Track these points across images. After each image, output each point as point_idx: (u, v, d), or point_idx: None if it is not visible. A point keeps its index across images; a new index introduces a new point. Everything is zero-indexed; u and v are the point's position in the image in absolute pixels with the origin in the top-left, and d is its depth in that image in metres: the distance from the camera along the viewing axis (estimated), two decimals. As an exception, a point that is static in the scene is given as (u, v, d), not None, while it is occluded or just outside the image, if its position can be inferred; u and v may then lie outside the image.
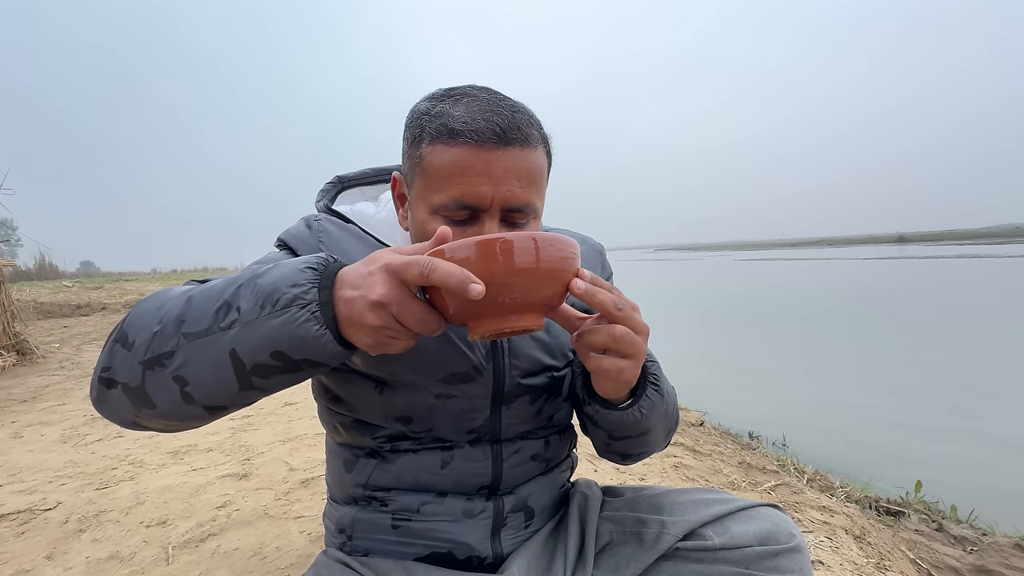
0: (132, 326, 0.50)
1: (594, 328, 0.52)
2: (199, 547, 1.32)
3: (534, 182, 0.57)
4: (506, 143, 0.54)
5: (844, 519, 1.51)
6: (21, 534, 1.42)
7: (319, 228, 0.67)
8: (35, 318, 6.33)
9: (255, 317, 0.45)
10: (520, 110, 0.57)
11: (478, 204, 0.55)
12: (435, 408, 0.65)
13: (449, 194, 0.55)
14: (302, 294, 0.44)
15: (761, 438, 3.11)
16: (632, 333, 0.51)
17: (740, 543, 0.64)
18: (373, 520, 0.68)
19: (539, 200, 0.60)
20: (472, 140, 0.53)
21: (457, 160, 0.54)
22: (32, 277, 12.62)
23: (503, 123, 0.54)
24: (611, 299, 0.50)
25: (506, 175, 0.55)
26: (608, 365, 0.52)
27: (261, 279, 0.47)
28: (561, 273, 0.48)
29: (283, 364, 0.46)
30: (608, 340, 0.51)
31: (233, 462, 1.90)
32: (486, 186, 0.54)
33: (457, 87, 0.60)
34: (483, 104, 0.56)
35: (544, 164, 0.60)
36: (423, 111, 0.58)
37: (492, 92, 0.58)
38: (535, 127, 0.58)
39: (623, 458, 0.73)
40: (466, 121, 0.54)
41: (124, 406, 0.50)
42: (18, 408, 2.79)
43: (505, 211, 0.56)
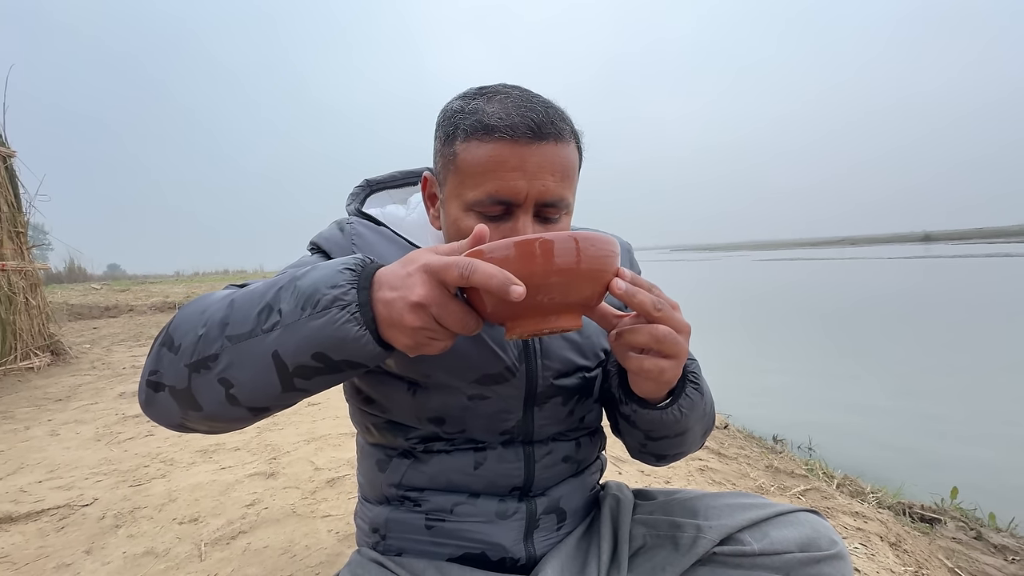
0: (177, 330, 0.50)
1: (635, 328, 0.51)
2: (230, 544, 1.35)
3: (567, 177, 0.58)
4: (541, 138, 0.54)
5: (878, 525, 1.47)
6: (61, 529, 1.46)
7: (351, 231, 0.68)
8: (67, 320, 6.54)
9: (296, 319, 0.45)
10: (552, 106, 0.58)
11: (513, 199, 0.55)
12: (468, 409, 0.65)
13: (484, 189, 0.55)
14: (342, 295, 0.44)
15: (786, 442, 3.05)
16: (674, 333, 0.50)
17: (780, 549, 0.62)
18: (407, 520, 0.68)
19: (571, 195, 0.60)
20: (507, 135, 0.54)
21: (492, 155, 0.54)
22: (62, 280, 13.04)
23: (537, 118, 0.54)
24: (651, 299, 0.49)
25: (540, 170, 0.55)
26: (650, 365, 0.51)
27: (301, 281, 0.47)
28: (601, 273, 0.48)
29: (324, 365, 0.47)
30: (650, 340, 0.50)
31: (260, 461, 1.93)
32: (521, 181, 0.54)
33: (489, 86, 0.60)
34: (517, 101, 0.56)
35: (576, 159, 0.60)
36: (457, 109, 0.58)
37: (524, 90, 0.59)
38: (567, 123, 0.59)
39: (658, 459, 0.72)
40: (501, 117, 0.54)
41: (172, 408, 0.51)
42: (53, 407, 2.88)
43: (539, 206, 0.57)
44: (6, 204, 3.58)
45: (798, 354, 6.34)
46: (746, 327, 8.83)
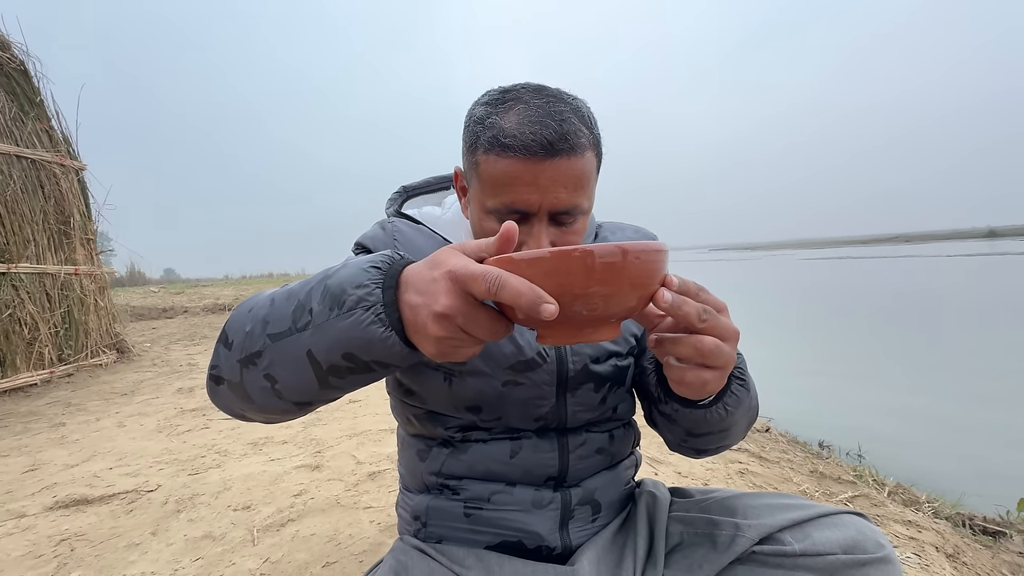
0: (231, 327, 0.54)
1: (677, 338, 0.47)
2: (280, 531, 1.42)
3: (580, 187, 0.59)
4: (553, 154, 0.56)
5: (934, 535, 1.39)
6: (130, 511, 1.59)
7: (393, 228, 0.72)
8: (129, 320, 7.02)
9: (326, 319, 0.46)
10: (567, 118, 0.57)
11: (527, 209, 0.58)
12: (503, 396, 0.67)
13: (500, 200, 0.58)
14: (366, 295, 0.44)
15: (833, 448, 2.92)
16: (720, 343, 0.46)
17: (822, 550, 0.60)
18: (446, 508, 0.70)
19: (586, 200, 0.61)
20: (522, 154, 0.56)
21: (507, 171, 0.57)
22: (124, 284, 13.98)
23: (550, 135, 0.55)
24: (696, 309, 0.45)
25: (553, 184, 0.57)
26: (692, 378, 0.48)
27: (330, 280, 0.48)
28: (647, 284, 0.43)
29: (355, 365, 0.47)
30: (693, 353, 0.46)
31: (306, 454, 2.03)
32: (534, 195, 0.57)
33: (510, 90, 0.61)
34: (532, 113, 0.57)
35: (592, 167, 0.61)
36: (478, 119, 0.60)
37: (543, 95, 0.59)
38: (584, 130, 0.58)
39: (698, 452, 0.71)
40: (515, 135, 0.56)
41: (231, 400, 0.55)
42: (120, 400, 3.10)
43: (552, 214, 0.59)
44: (78, 213, 3.89)
45: (848, 356, 6.04)
46: (791, 328, 8.48)
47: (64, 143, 3.85)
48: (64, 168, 3.80)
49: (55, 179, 3.70)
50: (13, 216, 3.38)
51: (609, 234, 0.81)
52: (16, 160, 3.44)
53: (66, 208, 3.77)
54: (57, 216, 3.72)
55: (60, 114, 3.82)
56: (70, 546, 1.39)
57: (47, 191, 3.65)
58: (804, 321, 9.14)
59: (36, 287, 3.49)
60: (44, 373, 3.44)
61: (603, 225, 0.83)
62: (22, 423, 2.70)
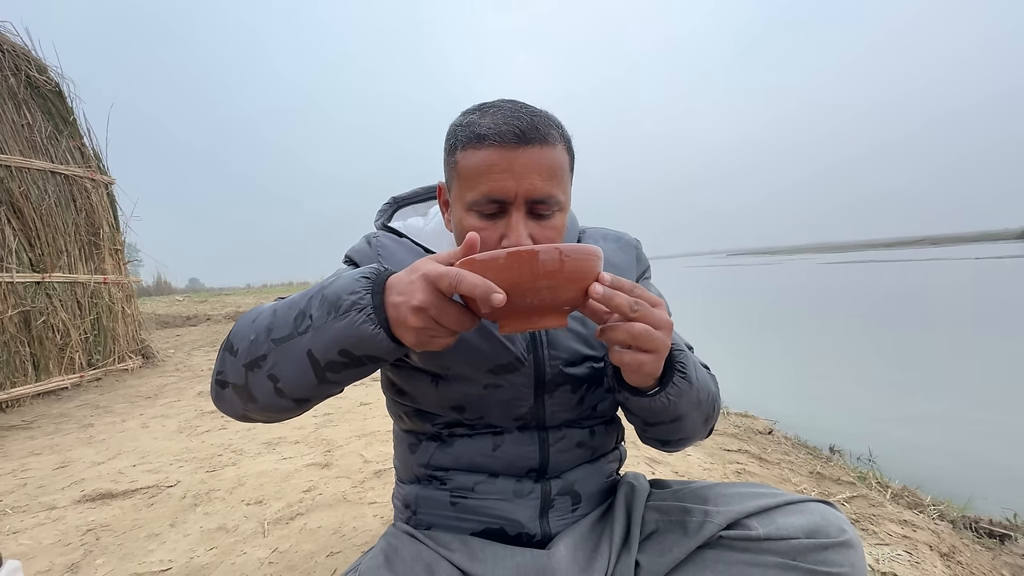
0: (235, 336, 0.61)
1: (615, 325, 0.55)
2: (289, 524, 1.50)
3: (555, 176, 0.63)
4: (526, 142, 0.60)
5: (929, 535, 1.39)
6: (151, 505, 1.68)
7: (377, 243, 0.77)
8: (155, 327, 7.28)
9: (324, 322, 0.54)
10: (539, 115, 0.63)
11: (504, 197, 0.61)
12: (484, 397, 0.71)
13: (479, 191, 0.62)
14: (359, 300, 0.52)
15: (843, 452, 2.89)
16: (651, 329, 0.54)
17: (786, 535, 0.63)
18: (434, 497, 0.75)
19: (562, 193, 0.64)
20: (496, 142, 0.60)
21: (484, 160, 0.61)
22: (151, 292, 14.45)
23: (522, 125, 0.61)
24: (627, 300, 0.53)
25: (527, 170, 0.61)
26: (629, 359, 0.55)
27: (327, 289, 0.55)
28: (583, 279, 0.52)
29: (349, 360, 0.55)
30: (628, 337, 0.54)
31: (316, 453, 2.11)
32: (510, 181, 0.61)
33: (488, 102, 0.67)
34: (506, 112, 0.62)
35: (565, 160, 0.65)
36: (457, 123, 0.66)
37: (517, 103, 0.65)
38: (554, 128, 0.64)
39: (662, 444, 0.74)
40: (491, 127, 0.61)
41: (235, 402, 0.62)
42: (144, 403, 3.25)
43: (530, 203, 0.62)
44: (107, 225, 4.09)
45: (863, 361, 5.92)
46: (804, 333, 8.33)
47: (95, 159, 4.06)
48: (95, 182, 4.00)
49: (86, 193, 3.91)
50: (47, 228, 3.58)
51: (590, 239, 0.85)
52: (51, 176, 3.64)
53: (96, 220, 3.97)
54: (88, 228, 3.92)
55: (91, 131, 4.04)
56: (96, 535, 1.49)
57: (79, 204, 3.85)
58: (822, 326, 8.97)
59: (68, 295, 3.67)
60: (74, 377, 3.61)
61: (586, 231, 0.87)
62: (54, 424, 2.85)
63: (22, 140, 3.48)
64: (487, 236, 0.63)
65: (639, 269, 0.85)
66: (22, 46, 3.52)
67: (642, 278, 0.85)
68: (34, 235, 3.49)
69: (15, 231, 3.37)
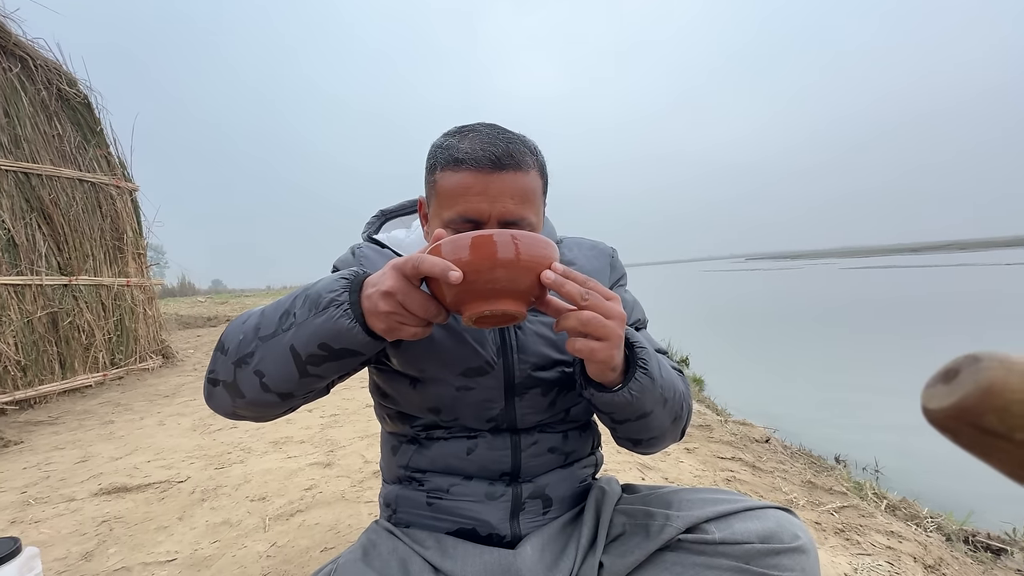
0: (226, 337, 0.67)
1: (567, 314, 0.58)
2: (289, 520, 1.57)
3: (527, 200, 0.67)
4: (501, 168, 0.65)
5: (915, 546, 1.39)
6: (162, 499, 1.77)
7: (360, 253, 0.83)
8: (176, 328, 7.52)
9: (305, 318, 0.59)
10: (514, 141, 0.67)
11: (478, 218, 0.65)
12: (457, 399, 0.75)
13: (455, 211, 0.66)
14: (337, 297, 0.58)
15: (848, 462, 2.86)
16: (600, 318, 0.56)
17: (740, 539, 0.66)
18: (412, 497, 0.79)
19: (533, 215, 0.68)
20: (473, 166, 0.65)
21: (460, 183, 0.66)
22: (175, 294, 14.90)
23: (498, 152, 0.65)
24: (578, 289, 0.56)
25: (501, 194, 0.65)
26: (580, 346, 0.58)
27: (310, 291, 0.61)
28: (537, 265, 0.55)
29: (328, 353, 0.59)
30: (576, 324, 0.57)
31: (320, 453, 2.18)
32: (484, 204, 0.65)
33: (468, 125, 0.71)
34: (484, 137, 0.66)
35: (537, 184, 0.70)
36: (438, 145, 0.71)
37: (495, 127, 0.69)
38: (529, 154, 0.68)
39: (634, 444, 0.76)
40: (468, 151, 0.66)
41: (224, 399, 0.67)
42: (162, 402, 3.38)
43: (502, 224, 0.66)
44: (131, 230, 4.26)
45: (881, 369, 5.80)
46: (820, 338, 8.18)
47: (120, 167, 4.24)
48: (119, 189, 4.18)
49: (111, 200, 4.09)
50: (75, 233, 3.75)
51: (566, 247, 0.89)
52: (79, 183, 3.83)
53: (120, 225, 4.15)
54: (112, 233, 4.10)
55: (117, 141, 4.22)
56: (109, 527, 1.58)
57: (104, 210, 4.03)
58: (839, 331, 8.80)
59: (93, 297, 3.84)
60: (98, 376, 3.77)
61: (563, 240, 0.91)
62: (77, 420, 3.00)
63: (53, 150, 3.67)
64: None
65: (613, 276, 0.88)
66: (54, 61, 3.71)
67: (616, 285, 0.89)
68: (62, 240, 3.67)
69: (45, 236, 3.55)
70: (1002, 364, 0.16)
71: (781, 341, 8.35)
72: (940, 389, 0.20)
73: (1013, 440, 0.16)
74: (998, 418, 0.16)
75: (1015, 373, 0.16)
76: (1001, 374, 0.16)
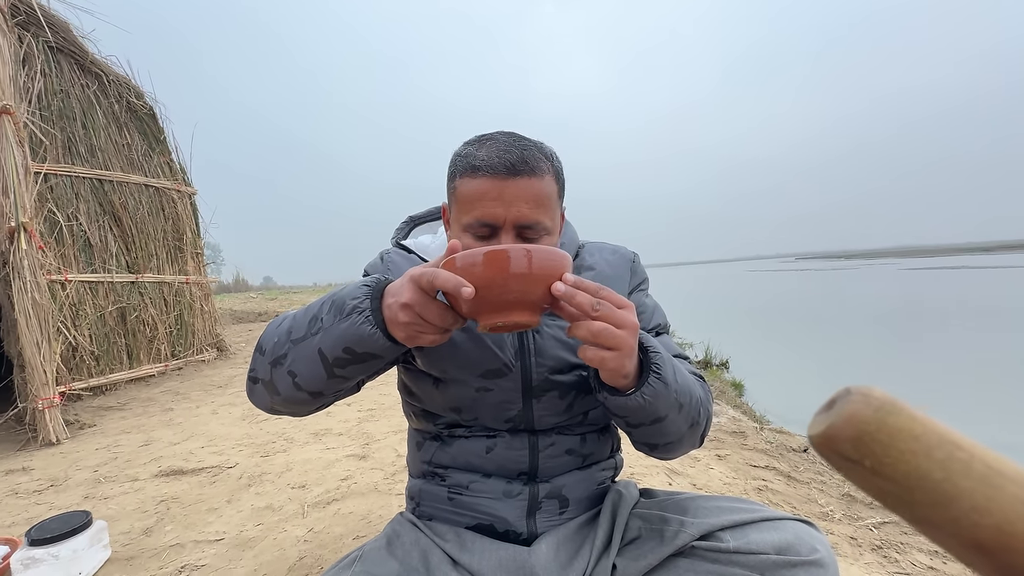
0: (264, 339, 0.72)
1: (577, 324, 0.59)
2: (326, 508, 1.66)
3: (541, 204, 0.69)
4: (515, 174, 0.67)
5: (961, 569, 1.31)
6: (213, 483, 1.92)
7: (388, 259, 0.87)
8: (230, 323, 7.99)
9: (331, 324, 0.63)
10: (530, 148, 0.69)
11: (495, 222, 0.68)
12: (477, 400, 0.77)
13: (473, 215, 0.69)
14: (359, 304, 0.61)
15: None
16: (611, 328, 0.57)
17: (755, 550, 0.66)
18: (434, 491, 0.82)
19: (548, 219, 0.70)
20: (489, 173, 0.67)
21: (478, 188, 0.68)
22: (230, 290, 15.80)
23: (513, 159, 0.67)
24: (589, 300, 0.57)
25: (516, 199, 0.67)
26: (591, 355, 0.59)
27: (336, 297, 0.65)
28: (549, 277, 0.56)
29: (352, 356, 0.63)
30: (587, 334, 0.58)
31: (356, 445, 2.29)
32: (499, 208, 0.67)
33: (486, 134, 0.74)
34: (500, 145, 0.69)
35: (552, 189, 0.71)
36: (458, 154, 0.74)
37: (512, 135, 0.72)
38: (543, 160, 0.70)
39: (650, 448, 0.77)
40: (484, 159, 0.68)
41: (264, 396, 0.73)
42: (216, 392, 3.62)
43: (518, 228, 0.68)
44: (189, 231, 4.58)
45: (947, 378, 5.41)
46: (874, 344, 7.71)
47: (180, 172, 4.56)
48: (180, 193, 4.50)
49: (173, 203, 4.40)
50: (141, 235, 4.07)
51: (588, 252, 0.90)
52: (144, 188, 4.15)
53: (180, 227, 4.46)
54: (173, 234, 4.41)
55: (178, 148, 4.55)
56: (167, 506, 1.73)
57: (166, 213, 4.35)
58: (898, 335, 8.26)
59: (156, 294, 4.16)
60: (160, 366, 4.08)
61: (585, 245, 0.92)
62: (141, 406, 3.26)
63: (122, 158, 3.99)
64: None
65: (634, 281, 0.89)
66: (124, 76, 4.04)
67: (637, 289, 0.89)
68: (130, 240, 3.99)
69: (115, 237, 3.87)
70: (863, 398, 0.18)
71: (833, 346, 7.94)
72: (819, 417, 0.21)
73: (865, 467, 0.18)
74: (852, 446, 0.18)
75: (870, 407, 0.17)
76: (859, 407, 0.17)
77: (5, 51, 2.69)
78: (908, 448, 0.17)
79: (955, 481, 0.16)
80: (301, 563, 1.33)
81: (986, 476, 0.16)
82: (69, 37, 3.56)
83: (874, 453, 0.17)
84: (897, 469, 0.17)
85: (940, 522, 0.16)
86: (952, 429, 0.18)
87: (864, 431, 0.17)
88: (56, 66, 3.52)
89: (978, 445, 0.17)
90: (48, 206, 3.34)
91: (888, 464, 0.17)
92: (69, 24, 3.53)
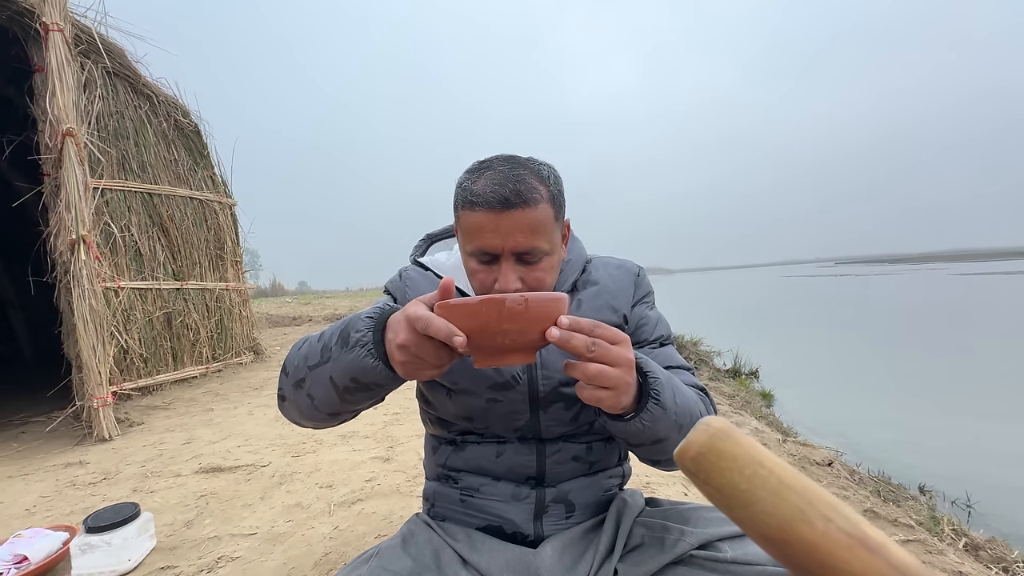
0: (288, 362, 0.78)
1: (573, 364, 0.61)
2: (351, 507, 1.74)
3: (537, 231, 0.72)
4: (510, 207, 0.70)
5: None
6: (247, 480, 2.04)
7: (406, 276, 0.93)
8: (266, 327, 8.33)
9: (339, 355, 0.66)
10: (524, 178, 0.71)
11: (493, 251, 0.72)
12: (487, 410, 0.82)
13: (474, 245, 0.73)
14: (362, 338, 0.64)
15: (934, 494, 2.61)
16: (606, 368, 0.59)
17: (753, 561, 0.69)
18: (447, 493, 0.87)
19: (545, 243, 0.73)
20: (485, 207, 0.70)
21: (476, 222, 0.72)
22: (267, 294, 16.44)
23: (506, 193, 0.69)
24: (584, 342, 0.58)
25: (511, 230, 0.70)
26: (587, 395, 0.61)
27: (344, 327, 0.68)
28: (545, 321, 0.58)
29: (358, 386, 0.67)
30: (582, 376, 0.60)
31: (381, 448, 2.38)
32: (496, 239, 0.71)
33: (486, 161, 0.76)
34: (496, 177, 0.71)
35: (548, 215, 0.73)
36: (459, 184, 0.78)
37: (509, 162, 0.74)
38: (538, 188, 0.72)
39: (655, 463, 0.80)
40: (480, 193, 0.71)
41: (291, 411, 0.80)
42: (252, 393, 3.80)
43: (516, 255, 0.72)
44: (229, 240, 4.84)
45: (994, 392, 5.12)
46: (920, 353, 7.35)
47: (223, 185, 4.83)
48: (222, 205, 4.76)
49: (215, 214, 4.67)
50: (186, 244, 4.34)
51: (593, 269, 0.94)
52: (189, 201, 4.41)
53: (222, 237, 4.72)
54: (215, 243, 4.68)
55: (220, 162, 4.82)
56: (206, 501, 1.85)
57: (209, 224, 4.61)
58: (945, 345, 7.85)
59: (199, 300, 4.41)
60: (202, 368, 4.31)
61: (592, 260, 0.96)
62: (184, 406, 3.46)
63: (170, 172, 4.27)
64: (484, 278, 0.75)
65: (638, 294, 0.92)
66: (172, 96, 4.32)
67: (640, 302, 0.92)
68: (176, 249, 4.25)
69: (163, 247, 4.14)
70: (705, 427, 0.23)
71: (870, 355, 7.61)
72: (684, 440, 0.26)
73: (700, 479, 0.23)
74: (692, 463, 0.23)
75: (707, 434, 0.22)
76: (699, 434, 0.22)
77: (70, 79, 2.95)
78: (727, 466, 0.22)
79: (755, 491, 0.21)
80: (326, 559, 1.41)
81: (777, 488, 0.21)
82: (124, 63, 3.85)
83: (705, 469, 0.22)
84: (719, 481, 0.22)
85: (744, 520, 0.22)
86: (766, 451, 0.23)
87: (699, 452, 0.22)
88: (112, 89, 3.80)
89: (780, 464, 0.23)
90: (104, 219, 3.61)
91: (714, 477, 0.22)
92: (125, 50, 3.82)
